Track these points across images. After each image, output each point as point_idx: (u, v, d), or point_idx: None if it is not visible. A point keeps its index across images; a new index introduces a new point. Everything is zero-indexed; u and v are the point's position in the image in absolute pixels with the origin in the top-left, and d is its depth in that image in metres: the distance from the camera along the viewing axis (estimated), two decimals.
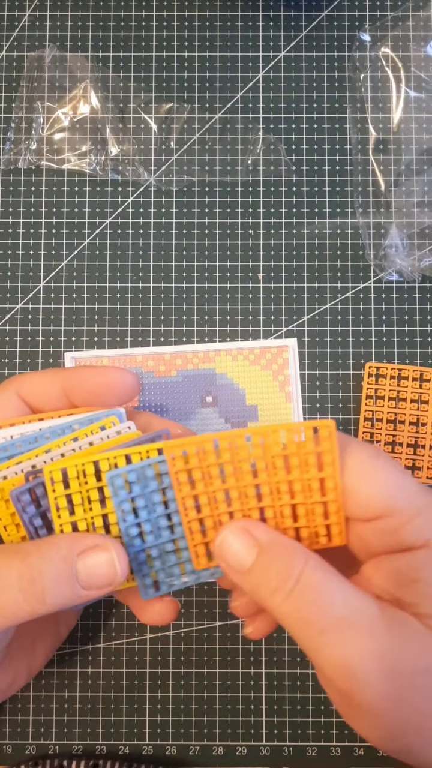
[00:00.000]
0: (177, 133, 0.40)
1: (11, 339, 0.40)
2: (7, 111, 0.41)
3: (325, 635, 0.21)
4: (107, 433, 0.27)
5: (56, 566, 0.24)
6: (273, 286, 0.40)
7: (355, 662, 0.21)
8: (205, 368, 0.39)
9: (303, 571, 0.22)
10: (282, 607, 0.22)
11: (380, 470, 0.24)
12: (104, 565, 0.24)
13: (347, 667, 0.21)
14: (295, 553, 0.23)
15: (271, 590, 0.22)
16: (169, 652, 0.37)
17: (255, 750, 0.36)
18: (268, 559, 0.23)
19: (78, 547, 0.24)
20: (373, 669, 0.21)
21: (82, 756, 0.36)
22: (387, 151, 0.40)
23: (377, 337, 0.39)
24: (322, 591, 0.22)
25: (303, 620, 0.22)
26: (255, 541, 0.23)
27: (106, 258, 0.40)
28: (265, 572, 0.23)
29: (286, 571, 0.22)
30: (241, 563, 0.23)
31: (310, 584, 0.22)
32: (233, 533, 0.24)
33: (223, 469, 0.24)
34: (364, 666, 0.21)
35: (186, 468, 0.24)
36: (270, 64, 0.41)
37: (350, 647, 0.21)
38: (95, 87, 0.40)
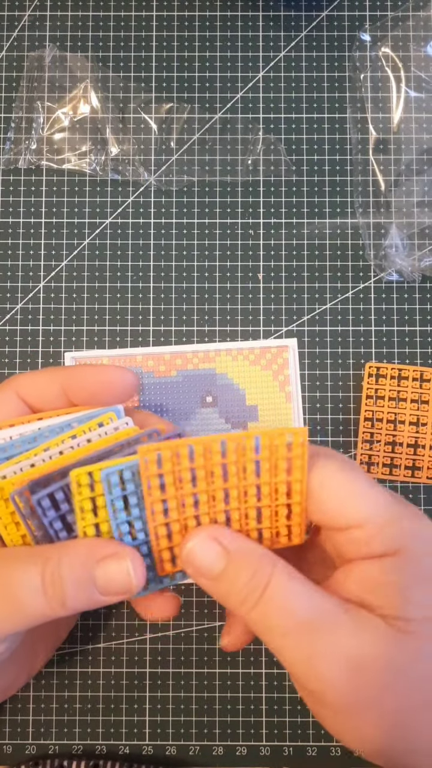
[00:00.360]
0: (177, 133, 0.40)
1: (11, 339, 0.40)
2: (7, 111, 0.41)
3: (287, 639, 0.22)
4: (105, 430, 0.27)
5: (77, 571, 0.24)
6: (273, 286, 0.40)
7: (320, 663, 0.22)
8: (205, 368, 0.39)
9: (270, 580, 0.23)
10: (250, 615, 0.23)
11: (349, 483, 0.24)
12: (122, 573, 0.24)
13: (312, 668, 0.22)
14: (263, 560, 0.23)
15: (241, 599, 0.23)
16: (169, 652, 0.37)
17: (255, 750, 0.36)
18: (236, 567, 0.23)
19: (98, 553, 0.24)
20: (340, 669, 0.22)
21: (82, 756, 0.36)
22: (387, 151, 0.40)
23: (377, 337, 0.39)
24: (287, 597, 0.23)
25: (267, 626, 0.23)
26: (223, 548, 0.24)
27: (106, 258, 0.40)
28: (234, 581, 0.23)
29: (255, 581, 0.23)
30: (210, 570, 0.23)
31: (275, 592, 0.23)
32: (201, 541, 0.24)
33: (195, 473, 0.24)
34: (330, 666, 0.22)
35: (158, 472, 0.24)
36: (270, 64, 0.41)
37: (315, 649, 0.22)
38: (95, 87, 0.40)
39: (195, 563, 0.24)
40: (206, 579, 0.24)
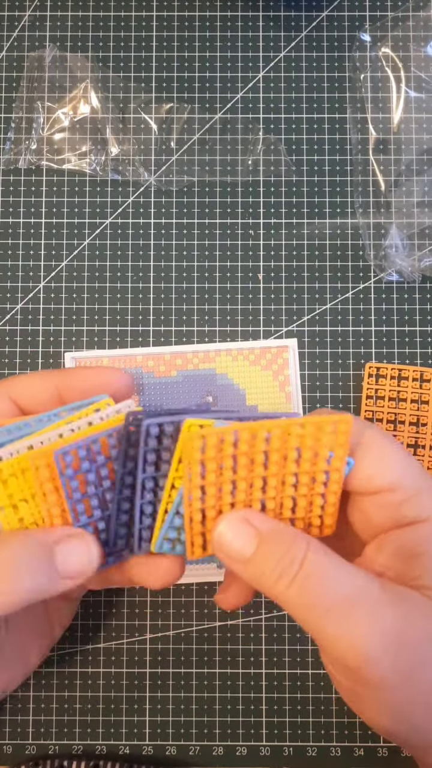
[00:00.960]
0: (177, 133, 0.40)
1: (11, 339, 0.39)
2: (7, 111, 0.41)
3: (331, 614, 0.22)
4: (106, 413, 0.26)
5: (33, 553, 0.24)
6: (273, 286, 0.40)
7: (361, 639, 0.22)
8: (206, 368, 0.39)
9: (306, 556, 0.23)
10: (287, 593, 0.22)
11: (389, 449, 0.25)
12: (80, 552, 0.25)
13: (354, 645, 0.22)
14: (296, 539, 0.23)
15: (275, 577, 0.23)
16: (169, 652, 0.37)
17: (255, 750, 0.36)
18: (270, 547, 0.23)
19: (53, 536, 0.25)
20: (380, 644, 0.22)
21: (83, 756, 0.36)
22: (387, 152, 0.40)
23: (377, 338, 0.39)
24: (326, 573, 0.23)
25: (308, 604, 0.22)
26: (255, 530, 0.24)
27: (106, 258, 0.40)
28: (267, 560, 0.23)
29: (289, 557, 0.23)
30: (241, 553, 0.23)
31: (313, 568, 0.23)
32: (232, 523, 0.24)
33: (237, 460, 0.24)
34: (371, 642, 0.22)
35: (200, 459, 0.24)
36: (270, 64, 0.41)
37: (356, 625, 0.22)
38: (95, 87, 0.40)
39: (225, 547, 0.24)
40: (238, 562, 0.23)
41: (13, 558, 0.24)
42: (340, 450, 0.24)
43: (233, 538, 0.24)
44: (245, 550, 0.23)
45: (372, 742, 0.36)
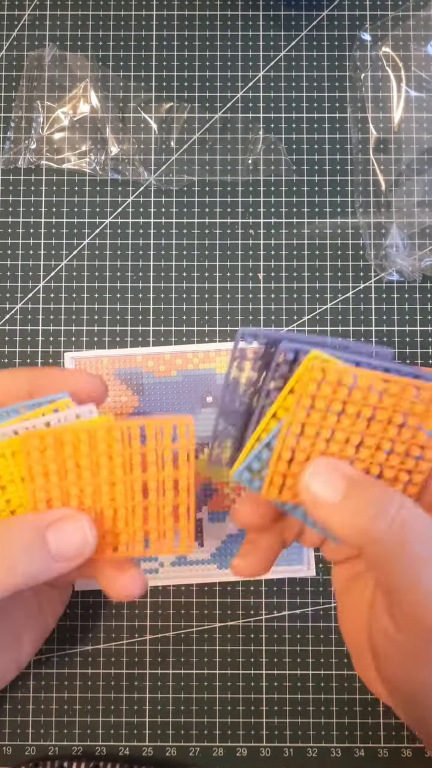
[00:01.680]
0: (177, 132, 0.40)
1: (11, 339, 0.39)
2: (6, 110, 0.41)
3: (428, 568, 0.22)
4: (64, 415, 0.26)
5: (26, 536, 0.24)
6: (273, 286, 0.40)
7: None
8: (206, 368, 0.39)
9: (402, 502, 0.22)
10: (383, 534, 0.22)
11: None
12: (74, 534, 0.24)
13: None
14: (389, 489, 0.23)
15: (371, 516, 0.22)
16: (169, 653, 0.37)
17: (255, 751, 0.36)
18: (362, 490, 0.23)
19: (47, 518, 0.25)
20: None
21: (82, 757, 0.36)
22: (387, 151, 0.40)
23: (378, 337, 0.39)
24: (426, 524, 0.22)
25: (407, 551, 0.22)
26: (345, 476, 0.23)
27: (106, 258, 0.40)
28: (360, 501, 0.23)
29: (385, 499, 0.22)
30: (329, 497, 0.23)
31: (411, 515, 0.22)
32: (322, 467, 0.23)
33: (346, 408, 0.23)
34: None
35: (313, 393, 0.23)
36: (270, 64, 0.41)
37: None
38: (95, 86, 0.40)
39: (312, 489, 0.23)
40: (325, 506, 0.23)
41: (6, 543, 0.24)
42: None
43: (323, 481, 0.23)
44: (333, 494, 0.23)
45: (372, 743, 0.36)
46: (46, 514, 0.25)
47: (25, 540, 0.24)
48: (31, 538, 0.24)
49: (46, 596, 0.32)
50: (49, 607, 0.33)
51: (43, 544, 0.24)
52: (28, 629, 0.32)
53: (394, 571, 0.22)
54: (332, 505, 0.23)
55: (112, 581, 0.27)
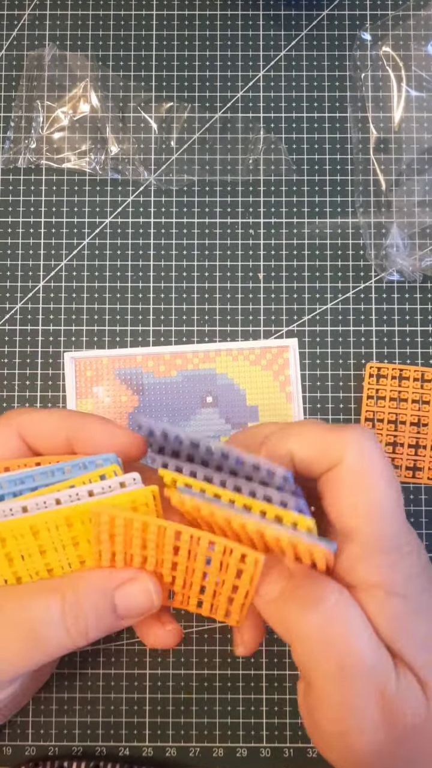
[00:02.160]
0: (177, 132, 0.40)
1: (11, 339, 0.39)
2: (6, 110, 0.41)
3: (343, 673, 0.22)
4: (108, 484, 0.25)
5: (97, 600, 0.24)
6: (273, 286, 0.40)
7: (356, 709, 0.22)
8: (206, 368, 0.39)
9: (338, 598, 0.22)
10: (309, 627, 0.22)
11: (370, 479, 0.24)
12: (141, 595, 0.24)
13: (349, 710, 0.22)
14: (327, 579, 0.23)
15: (302, 606, 0.22)
16: (169, 653, 0.37)
17: (255, 751, 0.36)
18: (301, 584, 0.23)
19: (115, 580, 0.24)
20: (373, 719, 0.22)
21: (82, 757, 0.36)
22: (388, 151, 0.40)
23: (378, 337, 0.39)
24: (353, 625, 0.22)
25: (328, 648, 0.22)
26: (287, 570, 0.24)
27: (106, 258, 0.40)
28: (296, 592, 0.23)
29: (317, 592, 0.22)
30: (269, 592, 0.23)
31: (341, 611, 0.22)
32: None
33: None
34: (365, 716, 0.22)
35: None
36: (270, 64, 0.41)
37: (358, 695, 0.22)
38: (95, 86, 0.40)
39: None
40: (265, 602, 0.24)
41: (78, 608, 0.24)
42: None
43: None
44: (273, 590, 0.23)
45: None
46: (114, 574, 0.25)
47: (95, 603, 0.24)
48: (100, 602, 0.24)
49: None
50: None
51: (111, 608, 0.24)
52: (34, 683, 0.32)
53: (308, 661, 0.22)
54: (269, 601, 0.24)
55: (151, 632, 0.27)
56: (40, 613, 0.24)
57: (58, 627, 0.23)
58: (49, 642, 0.24)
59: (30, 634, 0.23)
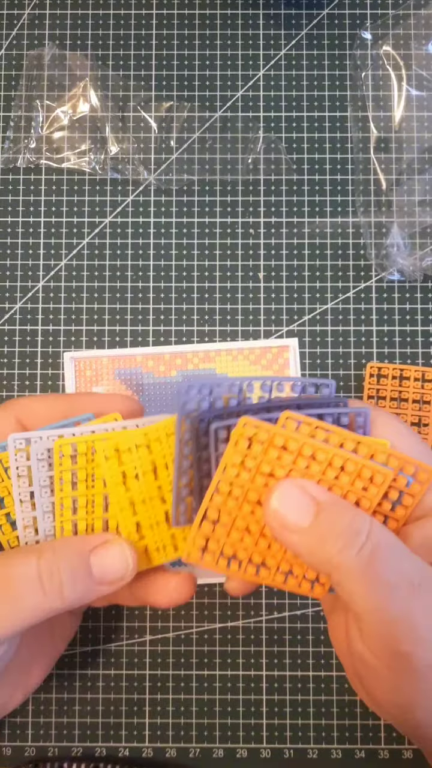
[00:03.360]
0: (177, 131, 0.40)
1: (10, 339, 0.39)
2: (6, 110, 0.41)
3: (396, 593, 0.21)
4: (121, 424, 0.27)
5: (72, 561, 0.24)
6: (273, 286, 0.40)
7: (422, 623, 0.21)
8: (206, 368, 0.39)
9: (371, 529, 0.22)
10: (352, 564, 0.22)
11: (407, 435, 0.25)
12: (116, 558, 0.25)
13: (414, 627, 0.21)
14: (359, 513, 0.23)
15: (339, 546, 0.22)
16: (168, 654, 0.37)
17: (255, 752, 0.36)
18: (332, 516, 0.22)
19: (90, 543, 0.25)
20: None
21: (82, 758, 0.36)
22: (388, 150, 0.40)
23: (378, 337, 0.39)
24: (394, 551, 0.22)
25: (373, 577, 0.21)
26: (313, 499, 0.23)
27: (105, 257, 0.40)
28: (329, 528, 0.22)
29: (354, 527, 0.22)
30: (298, 522, 0.22)
31: (381, 541, 0.22)
32: (288, 491, 0.23)
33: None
34: (430, 628, 0.21)
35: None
36: (270, 63, 0.41)
37: (420, 608, 0.21)
38: (95, 85, 0.40)
39: (280, 515, 0.22)
40: (293, 532, 0.22)
41: (54, 568, 0.24)
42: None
43: (289, 507, 0.22)
44: (302, 518, 0.22)
45: (373, 744, 0.36)
46: (90, 538, 0.25)
47: (70, 563, 0.24)
48: (76, 561, 0.25)
49: (59, 622, 0.32)
50: (60, 633, 0.33)
51: (87, 569, 0.25)
52: (38, 658, 0.32)
53: (360, 598, 0.22)
54: (300, 530, 0.22)
55: (163, 589, 0.27)
56: (17, 569, 0.24)
57: (33, 583, 0.24)
58: (24, 599, 0.24)
59: (7, 591, 0.24)
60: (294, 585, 0.25)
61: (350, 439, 0.23)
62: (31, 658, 0.31)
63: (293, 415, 0.23)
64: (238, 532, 0.24)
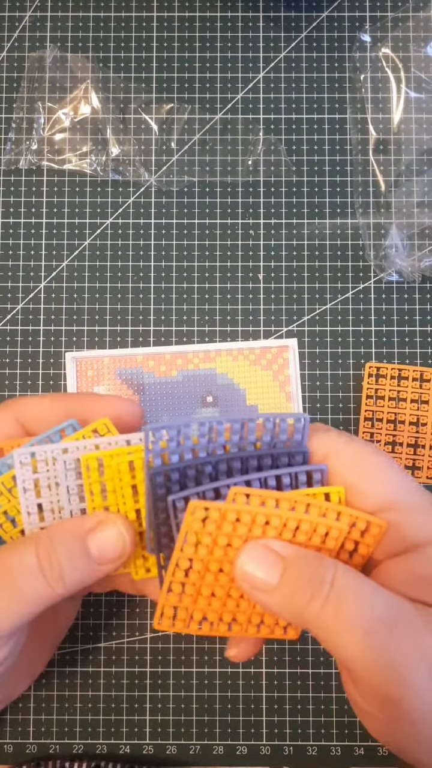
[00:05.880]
0: (177, 133, 0.40)
1: (12, 339, 0.40)
2: (8, 111, 0.41)
3: (371, 637, 0.21)
4: (114, 440, 0.27)
5: (69, 544, 0.25)
6: (273, 286, 0.40)
7: (404, 666, 0.21)
8: (206, 368, 0.39)
9: (335, 575, 0.22)
10: (321, 615, 0.21)
11: (383, 466, 0.24)
12: (113, 537, 0.25)
13: (397, 672, 0.21)
14: (323, 560, 0.22)
15: (307, 599, 0.22)
16: (169, 652, 0.37)
17: (255, 749, 0.37)
18: (297, 569, 0.22)
19: (86, 525, 0.25)
20: (423, 673, 0.20)
21: (84, 757, 0.36)
22: (387, 152, 0.40)
23: (377, 337, 0.39)
24: (360, 593, 0.22)
25: (344, 626, 0.21)
26: (278, 556, 0.23)
27: (106, 258, 0.40)
28: (296, 583, 0.22)
29: (319, 578, 0.22)
30: (267, 581, 0.22)
31: (346, 587, 0.22)
32: (254, 551, 0.23)
33: None
34: (414, 669, 0.21)
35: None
36: (270, 65, 0.41)
37: (397, 647, 0.21)
38: (96, 87, 0.40)
39: (249, 577, 0.22)
40: (264, 591, 0.22)
41: (52, 553, 0.24)
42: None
43: (257, 567, 0.22)
44: (271, 577, 0.22)
45: (372, 742, 0.36)
46: (84, 519, 0.25)
47: (68, 546, 0.25)
48: (73, 544, 0.25)
49: (61, 608, 0.33)
50: (64, 616, 0.33)
51: (85, 550, 0.25)
52: (43, 645, 0.32)
53: (336, 647, 0.21)
54: (270, 588, 0.22)
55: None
56: (16, 560, 0.24)
57: (34, 572, 0.24)
58: (27, 589, 0.24)
59: (9, 583, 0.24)
60: (267, 632, 0.25)
61: (300, 502, 0.23)
62: (36, 645, 0.31)
63: (241, 490, 0.23)
64: (205, 598, 0.24)
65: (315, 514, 0.23)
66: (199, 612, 0.25)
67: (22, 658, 0.30)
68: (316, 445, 0.25)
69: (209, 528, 0.23)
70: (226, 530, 0.23)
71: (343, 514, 0.23)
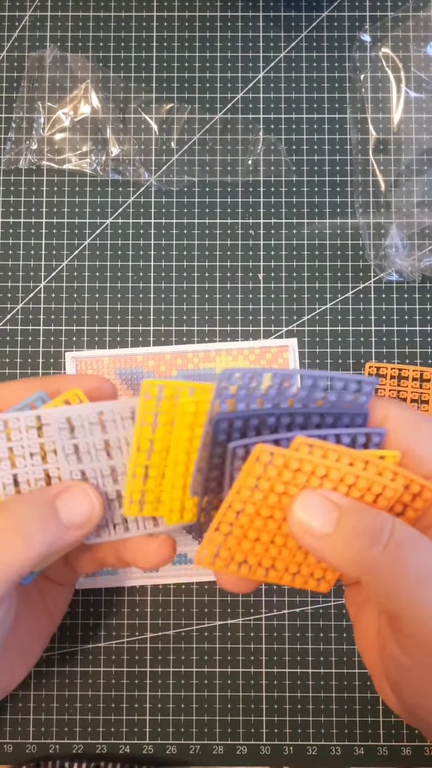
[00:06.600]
0: (177, 133, 0.40)
1: (12, 339, 0.40)
2: (8, 111, 0.41)
3: (426, 584, 0.22)
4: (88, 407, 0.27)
5: (39, 508, 0.25)
6: (273, 286, 0.40)
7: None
8: (206, 368, 0.39)
9: (394, 526, 0.22)
10: (380, 560, 0.22)
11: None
12: (81, 500, 0.26)
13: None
14: (380, 512, 0.23)
15: (366, 546, 0.22)
16: (169, 652, 0.37)
17: (255, 749, 0.37)
18: (355, 518, 0.23)
19: (52, 491, 0.26)
20: None
21: (84, 757, 0.36)
22: (387, 152, 0.40)
23: (377, 337, 0.39)
24: (419, 543, 0.22)
25: (402, 572, 0.22)
26: (335, 504, 0.23)
27: (106, 258, 0.40)
28: (353, 529, 0.22)
29: (378, 526, 0.22)
30: (322, 528, 0.23)
31: (405, 536, 0.22)
32: (310, 499, 0.23)
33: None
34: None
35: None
36: (270, 65, 0.41)
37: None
38: (96, 87, 0.40)
39: (304, 523, 0.23)
40: (318, 538, 0.23)
41: (20, 516, 0.25)
42: None
43: (313, 514, 0.23)
44: (326, 525, 0.23)
45: (372, 742, 0.36)
46: (52, 487, 0.26)
47: (37, 511, 0.25)
48: (42, 509, 0.25)
49: (50, 595, 0.33)
50: (54, 606, 0.33)
51: (53, 513, 0.25)
52: (36, 634, 0.32)
53: (392, 596, 0.22)
54: (325, 535, 0.23)
55: (143, 550, 0.28)
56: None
57: (5, 535, 0.24)
58: (2, 548, 0.24)
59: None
60: (301, 582, 0.26)
61: (359, 459, 0.24)
62: (29, 634, 0.31)
63: (306, 440, 0.23)
64: (249, 542, 0.25)
65: (372, 472, 0.24)
66: (241, 554, 0.25)
67: (16, 647, 0.30)
68: (375, 409, 0.25)
69: (270, 473, 0.23)
70: (286, 477, 0.23)
71: (399, 476, 0.24)
